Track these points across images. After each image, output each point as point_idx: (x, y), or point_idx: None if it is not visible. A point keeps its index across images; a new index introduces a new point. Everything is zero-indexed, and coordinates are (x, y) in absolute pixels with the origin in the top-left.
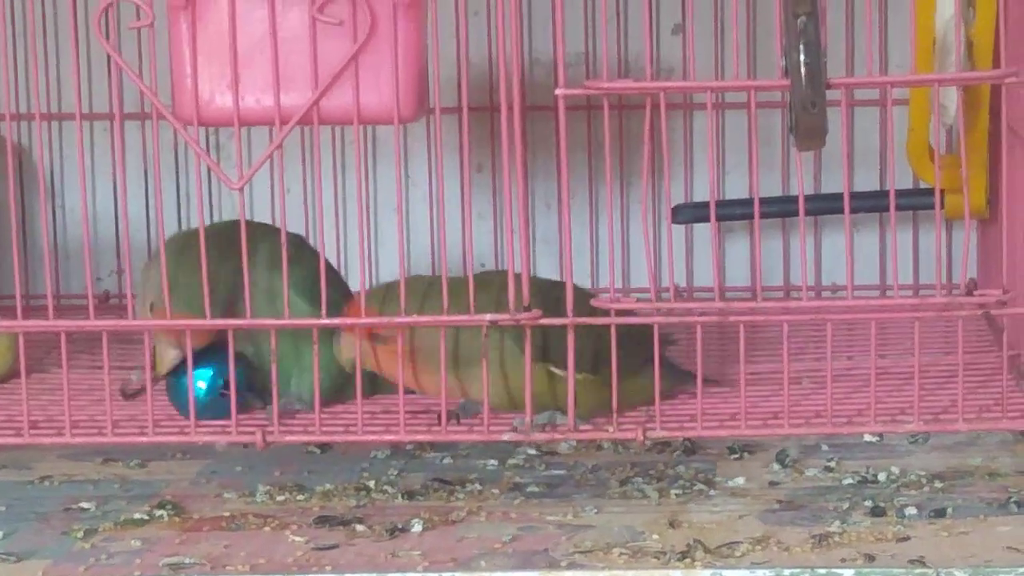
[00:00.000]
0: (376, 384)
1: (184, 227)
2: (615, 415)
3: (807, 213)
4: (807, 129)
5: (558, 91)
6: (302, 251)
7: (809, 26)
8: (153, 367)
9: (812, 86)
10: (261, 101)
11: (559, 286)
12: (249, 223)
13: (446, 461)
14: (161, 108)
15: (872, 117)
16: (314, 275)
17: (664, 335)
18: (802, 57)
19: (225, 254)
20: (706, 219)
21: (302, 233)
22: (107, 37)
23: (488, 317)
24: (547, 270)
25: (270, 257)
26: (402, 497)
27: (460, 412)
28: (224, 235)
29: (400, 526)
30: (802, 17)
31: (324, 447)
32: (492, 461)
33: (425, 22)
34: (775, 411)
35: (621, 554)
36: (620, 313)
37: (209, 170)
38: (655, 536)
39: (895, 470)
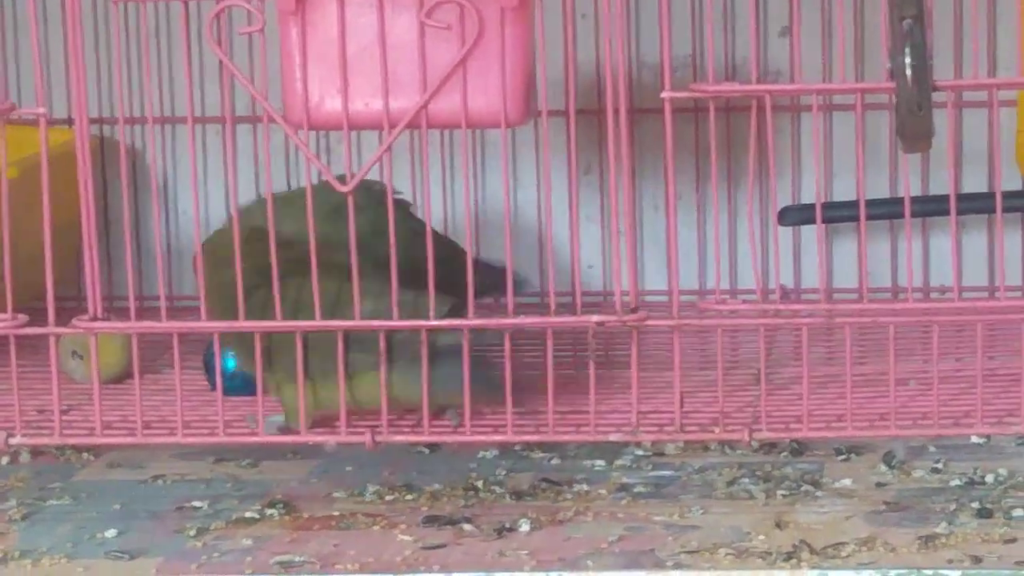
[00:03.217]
0: None
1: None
2: (722, 416)
3: (914, 215)
4: (913, 131)
5: (665, 94)
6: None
7: (915, 29)
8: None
9: (918, 88)
10: (370, 105)
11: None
12: None
13: (553, 461)
14: (272, 112)
15: (980, 119)
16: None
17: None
18: (908, 60)
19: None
20: (813, 221)
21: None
22: (218, 42)
23: (595, 318)
24: (654, 272)
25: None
26: (510, 497)
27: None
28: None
29: (508, 526)
30: (908, 20)
31: (433, 447)
32: (600, 462)
33: (533, 25)
34: (882, 412)
35: (727, 554)
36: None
37: (319, 173)
38: (761, 537)
39: (1003, 472)
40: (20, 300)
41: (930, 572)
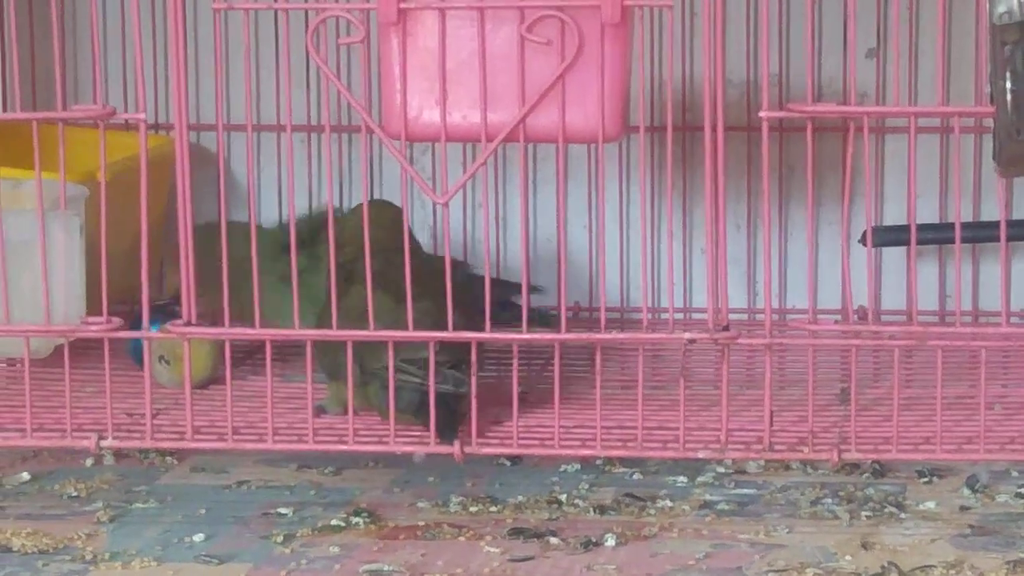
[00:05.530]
0: None
1: None
2: (811, 435)
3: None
4: (1011, 156)
5: (763, 113)
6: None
7: (1016, 54)
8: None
9: (1018, 113)
10: (468, 118)
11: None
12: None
13: (635, 477)
14: (370, 122)
15: None
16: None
17: None
18: (1008, 84)
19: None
20: (898, 243)
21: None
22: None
23: (687, 335)
24: (736, 290)
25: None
26: (594, 511)
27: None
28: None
29: (594, 540)
30: (1009, 45)
31: (514, 460)
32: (681, 478)
33: (631, 43)
34: (969, 436)
35: (815, 574)
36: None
37: (408, 184)
38: (848, 557)
39: None
40: (100, 304)
41: None
